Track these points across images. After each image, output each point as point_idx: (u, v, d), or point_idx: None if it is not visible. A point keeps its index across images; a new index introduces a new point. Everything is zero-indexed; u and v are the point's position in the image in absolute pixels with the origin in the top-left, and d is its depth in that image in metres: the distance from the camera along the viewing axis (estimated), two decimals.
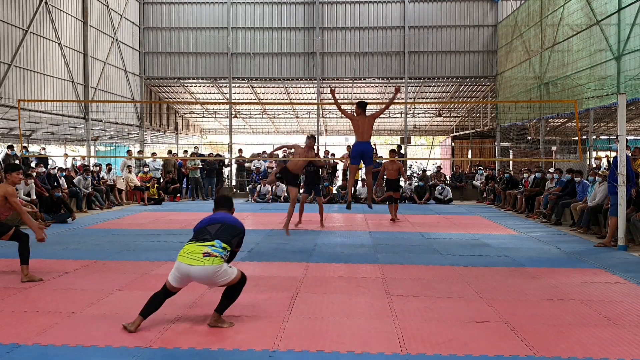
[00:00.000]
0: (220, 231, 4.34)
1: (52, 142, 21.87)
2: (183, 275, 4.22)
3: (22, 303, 5.05)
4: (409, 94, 23.22)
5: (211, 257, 4.14)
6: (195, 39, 21.76)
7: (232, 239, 4.36)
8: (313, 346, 3.97)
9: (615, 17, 11.98)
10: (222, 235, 4.31)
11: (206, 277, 4.17)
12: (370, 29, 21.29)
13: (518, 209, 13.88)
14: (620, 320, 4.63)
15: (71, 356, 3.77)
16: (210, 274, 4.15)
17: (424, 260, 7.27)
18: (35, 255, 7.40)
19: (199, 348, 3.92)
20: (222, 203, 4.77)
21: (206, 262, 4.11)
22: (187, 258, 4.17)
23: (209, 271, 4.13)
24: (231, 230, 4.39)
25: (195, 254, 4.16)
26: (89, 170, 14.23)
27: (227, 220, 4.49)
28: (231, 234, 4.37)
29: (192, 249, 4.20)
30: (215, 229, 4.34)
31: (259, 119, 30.03)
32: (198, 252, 4.16)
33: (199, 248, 4.19)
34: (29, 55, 14.89)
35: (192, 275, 4.18)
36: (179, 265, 4.20)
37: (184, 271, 4.18)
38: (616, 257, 7.61)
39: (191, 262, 4.13)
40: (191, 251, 4.18)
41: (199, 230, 4.39)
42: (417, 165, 29.16)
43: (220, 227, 4.37)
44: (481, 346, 3.98)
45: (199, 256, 4.14)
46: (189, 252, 4.18)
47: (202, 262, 4.11)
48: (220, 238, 4.28)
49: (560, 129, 24.58)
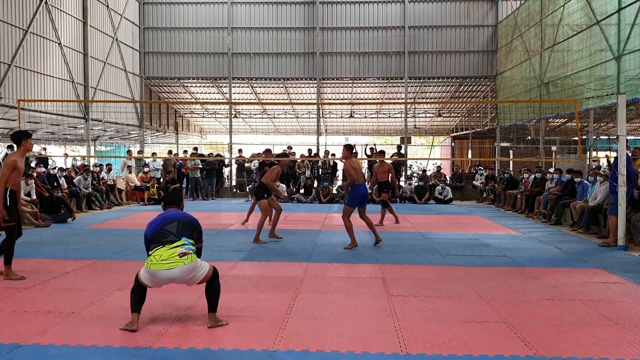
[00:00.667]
0: (181, 228, 4.33)
1: (52, 142, 21.88)
2: (162, 281, 4.24)
3: (22, 303, 5.05)
4: (409, 94, 23.23)
5: (187, 255, 4.18)
6: (195, 39, 21.77)
7: (193, 234, 4.38)
8: (313, 346, 3.97)
9: (615, 17, 11.99)
10: (184, 231, 4.32)
11: (187, 275, 4.21)
12: (370, 29, 21.30)
13: (518, 209, 13.88)
14: (620, 320, 4.63)
15: (71, 356, 3.77)
16: (190, 270, 4.20)
17: (424, 260, 7.27)
18: (36, 255, 7.42)
19: (199, 348, 3.92)
20: (172, 200, 4.69)
21: (185, 262, 4.16)
22: (164, 264, 4.14)
23: (189, 269, 4.19)
24: (189, 226, 4.40)
25: (170, 258, 4.15)
26: (89, 170, 14.24)
27: (182, 217, 4.44)
28: (190, 229, 4.38)
29: (164, 253, 4.16)
30: (176, 228, 4.31)
31: (259, 119, 30.05)
32: (173, 255, 4.16)
33: (171, 251, 4.17)
34: (29, 55, 14.89)
35: (174, 278, 4.21)
36: (155, 273, 4.16)
37: (163, 277, 4.18)
38: (616, 257, 7.61)
39: (169, 267, 4.14)
40: (165, 257, 4.15)
41: (158, 233, 4.28)
42: (417, 165, 29.16)
43: (179, 225, 4.34)
44: (481, 346, 3.98)
45: (176, 258, 4.15)
46: (162, 259, 4.15)
47: (182, 263, 4.15)
48: (185, 235, 4.29)
49: (560, 129, 24.60)
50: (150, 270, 4.18)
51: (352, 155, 8.34)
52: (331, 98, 24.86)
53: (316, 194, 16.52)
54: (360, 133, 32.56)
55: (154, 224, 4.37)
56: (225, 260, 7.15)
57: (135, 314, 4.26)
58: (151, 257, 4.18)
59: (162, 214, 4.48)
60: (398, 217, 11.52)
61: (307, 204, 16.07)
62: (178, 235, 4.26)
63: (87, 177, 13.83)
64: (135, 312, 4.27)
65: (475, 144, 26.88)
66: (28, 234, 9.62)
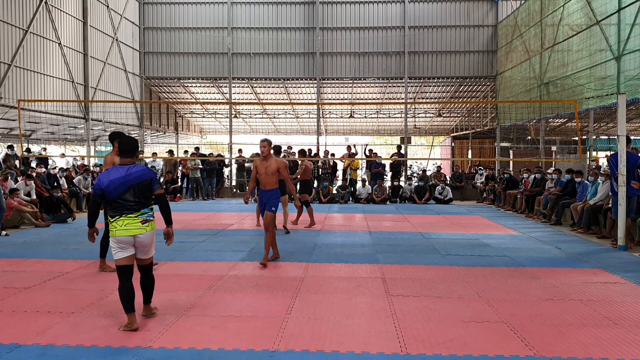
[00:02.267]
0: (138, 196, 4.40)
1: (52, 142, 21.88)
2: (127, 244, 4.39)
3: (22, 303, 5.05)
4: (409, 94, 23.23)
5: (149, 222, 4.45)
6: (195, 39, 21.76)
7: (148, 194, 4.49)
8: (313, 346, 3.97)
9: (615, 17, 11.98)
10: (140, 197, 4.41)
11: (148, 240, 4.46)
12: (370, 29, 21.30)
13: (518, 209, 13.88)
14: (620, 320, 4.63)
15: (71, 356, 3.77)
16: (150, 236, 4.48)
17: (424, 260, 7.26)
18: (36, 255, 7.42)
19: (199, 348, 3.92)
20: (127, 149, 4.53)
21: (147, 229, 4.43)
22: (129, 230, 4.36)
23: (151, 235, 4.47)
24: (144, 187, 4.45)
25: (133, 224, 4.37)
26: (89, 170, 14.24)
27: (136, 178, 4.40)
28: (146, 190, 4.46)
29: (128, 222, 4.36)
30: (133, 196, 4.38)
31: (259, 119, 30.05)
32: (136, 223, 4.38)
33: (134, 220, 4.38)
34: (29, 55, 14.89)
35: (137, 241, 4.42)
36: (120, 239, 4.35)
37: (128, 240, 4.37)
38: (616, 257, 7.61)
39: (134, 233, 4.36)
40: (128, 223, 4.36)
41: (116, 203, 4.36)
42: (417, 166, 29.18)
43: (135, 192, 4.39)
44: (481, 346, 3.98)
45: (139, 225, 4.39)
46: (126, 225, 4.35)
47: (144, 229, 4.41)
48: (142, 205, 4.43)
49: (560, 129, 24.60)
50: (116, 237, 4.36)
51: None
52: (331, 98, 24.86)
53: (316, 194, 16.52)
54: (360, 133, 32.56)
55: (112, 186, 4.35)
56: (225, 260, 7.15)
57: (130, 314, 4.33)
58: (116, 224, 4.35)
59: (118, 173, 4.38)
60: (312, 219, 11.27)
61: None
62: (137, 205, 4.40)
63: (87, 177, 13.84)
64: (130, 312, 4.33)
65: (475, 144, 26.88)
66: (28, 234, 9.62)
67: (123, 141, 4.61)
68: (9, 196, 10.31)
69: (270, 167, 6.97)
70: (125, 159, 4.50)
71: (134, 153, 4.54)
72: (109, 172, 4.43)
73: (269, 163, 7.00)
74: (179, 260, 7.15)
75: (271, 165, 6.98)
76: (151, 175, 4.50)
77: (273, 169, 6.99)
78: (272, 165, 6.98)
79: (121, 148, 4.56)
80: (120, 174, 4.38)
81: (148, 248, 4.49)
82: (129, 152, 4.51)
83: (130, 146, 4.53)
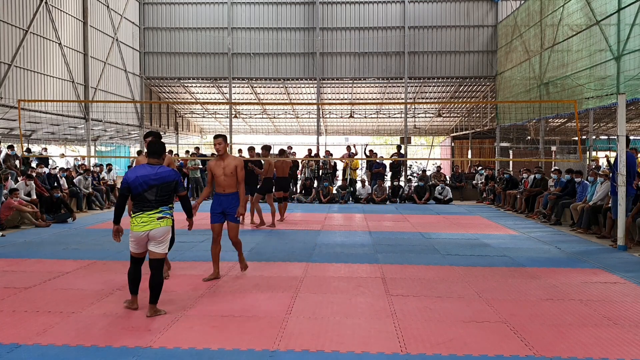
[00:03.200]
0: (160, 195, 4.66)
1: (52, 142, 21.88)
2: (141, 240, 4.69)
3: (22, 303, 5.05)
4: (409, 94, 23.23)
5: (165, 219, 4.70)
6: (195, 39, 21.77)
7: (170, 194, 4.75)
8: (313, 346, 3.97)
9: (615, 17, 11.98)
10: (161, 197, 4.68)
11: (160, 233, 4.67)
12: (370, 29, 21.30)
13: (518, 209, 13.88)
14: (620, 320, 4.63)
15: (71, 356, 3.77)
16: (164, 231, 4.70)
17: (424, 260, 7.27)
18: (36, 255, 7.42)
19: (199, 348, 3.92)
20: (154, 151, 4.81)
21: (162, 224, 4.68)
22: (144, 225, 4.63)
23: (164, 230, 4.70)
24: (166, 187, 4.70)
25: (149, 220, 4.64)
26: (89, 170, 14.24)
27: (160, 179, 4.67)
28: (167, 190, 4.71)
29: (146, 219, 4.64)
30: (154, 195, 4.64)
31: (259, 119, 30.05)
32: (153, 219, 4.65)
33: (151, 217, 4.65)
34: (29, 55, 14.89)
35: (151, 235, 4.66)
36: (136, 234, 4.65)
37: (142, 237, 4.66)
38: (616, 257, 7.61)
39: (148, 228, 4.64)
40: (145, 220, 4.64)
41: (140, 197, 4.63)
42: (417, 166, 29.18)
43: (158, 191, 4.65)
44: (481, 346, 3.98)
45: (154, 220, 4.66)
46: (143, 221, 4.64)
47: (159, 225, 4.67)
48: (162, 203, 4.69)
49: (560, 129, 24.60)
50: (132, 232, 4.67)
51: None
52: (331, 98, 24.86)
53: (316, 194, 16.52)
54: (360, 133, 32.57)
55: (137, 183, 4.62)
56: (225, 260, 7.15)
57: (134, 295, 4.82)
58: (134, 221, 4.66)
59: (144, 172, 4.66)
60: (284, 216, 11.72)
61: (307, 204, 16.07)
62: (157, 204, 4.65)
63: (87, 177, 13.84)
64: (134, 294, 4.82)
65: (475, 144, 26.88)
66: (28, 234, 9.62)
67: (151, 142, 4.97)
68: (9, 196, 10.32)
69: (229, 167, 5.91)
70: (152, 159, 4.78)
71: (160, 155, 4.83)
72: (136, 169, 4.73)
73: (227, 162, 5.93)
74: (179, 260, 7.15)
75: (229, 164, 5.92)
76: (176, 177, 4.78)
77: (232, 168, 5.92)
78: (230, 165, 5.92)
79: (149, 149, 4.87)
80: (147, 172, 4.66)
81: (160, 240, 4.69)
82: (155, 154, 4.81)
83: (156, 148, 4.84)
